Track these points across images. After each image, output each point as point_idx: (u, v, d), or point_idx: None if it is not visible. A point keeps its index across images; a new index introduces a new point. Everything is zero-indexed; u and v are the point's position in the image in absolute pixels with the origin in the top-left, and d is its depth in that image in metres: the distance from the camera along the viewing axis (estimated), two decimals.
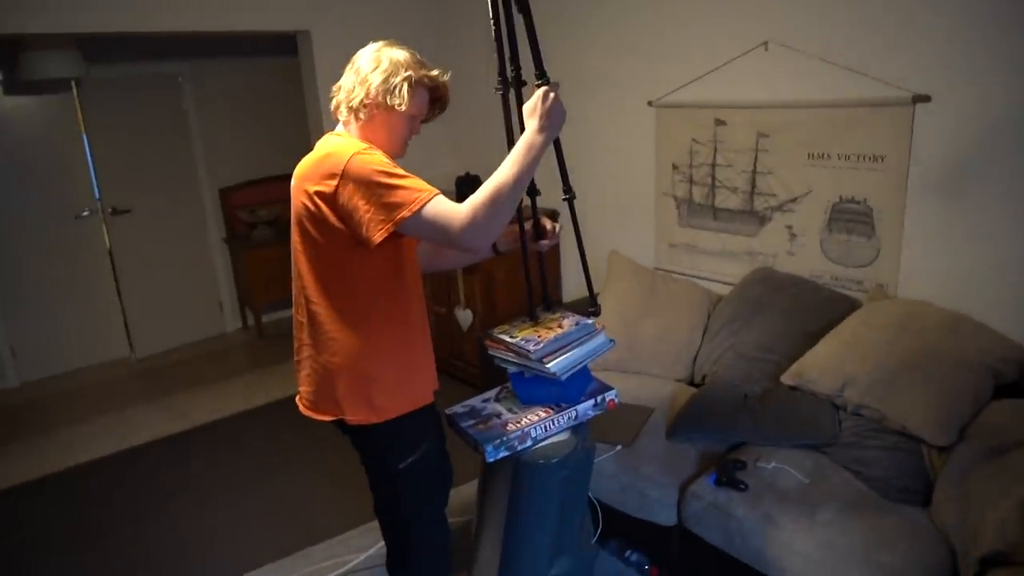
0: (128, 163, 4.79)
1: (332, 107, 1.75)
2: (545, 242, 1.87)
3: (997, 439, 1.99)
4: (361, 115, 1.68)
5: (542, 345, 1.73)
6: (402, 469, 1.78)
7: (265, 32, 3.99)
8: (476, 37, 3.99)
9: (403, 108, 1.65)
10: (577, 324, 1.81)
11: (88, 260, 4.81)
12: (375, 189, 1.54)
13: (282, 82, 5.22)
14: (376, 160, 1.58)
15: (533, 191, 1.81)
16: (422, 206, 1.53)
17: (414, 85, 1.67)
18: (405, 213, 1.53)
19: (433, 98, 1.76)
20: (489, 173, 1.57)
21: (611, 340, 1.84)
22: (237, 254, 5.26)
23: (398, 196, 1.54)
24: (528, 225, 1.86)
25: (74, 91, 4.48)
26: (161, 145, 4.94)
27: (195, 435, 3.83)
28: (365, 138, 1.69)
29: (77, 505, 3.21)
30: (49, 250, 4.66)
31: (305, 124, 4.38)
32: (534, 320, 1.89)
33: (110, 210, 4.75)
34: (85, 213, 4.73)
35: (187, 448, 3.70)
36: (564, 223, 1.95)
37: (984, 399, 2.14)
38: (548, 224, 1.87)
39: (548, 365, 1.71)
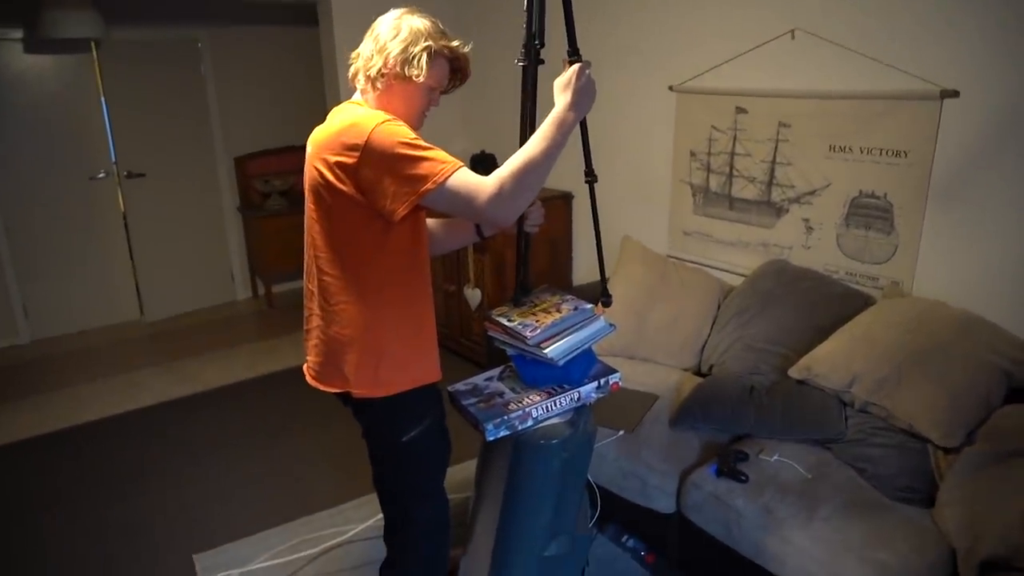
0: (145, 127, 4.79)
1: (350, 74, 1.71)
2: (533, 209, 1.82)
3: (1007, 444, 1.95)
4: (379, 84, 1.65)
5: (539, 331, 1.71)
6: (404, 443, 1.77)
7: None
8: (497, 13, 3.93)
9: (421, 79, 1.62)
10: (576, 309, 1.78)
11: (102, 222, 4.84)
12: (399, 161, 1.51)
13: (300, 52, 5.20)
14: (399, 131, 1.54)
15: None
16: (446, 178, 1.50)
17: (434, 55, 1.63)
18: (429, 185, 1.50)
19: (453, 69, 1.72)
20: (506, 152, 1.54)
21: (611, 325, 1.82)
22: (250, 223, 5.27)
23: (422, 168, 1.50)
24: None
25: (93, 52, 4.47)
26: (178, 110, 4.94)
27: (200, 399, 3.86)
28: (382, 108, 1.65)
29: (80, 462, 3.25)
30: (64, 211, 4.69)
31: (322, 96, 4.35)
32: (517, 304, 1.86)
33: (125, 173, 4.75)
34: (101, 175, 4.75)
35: (191, 412, 3.73)
36: (583, 206, 1.92)
37: (996, 402, 2.11)
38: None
39: (546, 351, 1.69)
